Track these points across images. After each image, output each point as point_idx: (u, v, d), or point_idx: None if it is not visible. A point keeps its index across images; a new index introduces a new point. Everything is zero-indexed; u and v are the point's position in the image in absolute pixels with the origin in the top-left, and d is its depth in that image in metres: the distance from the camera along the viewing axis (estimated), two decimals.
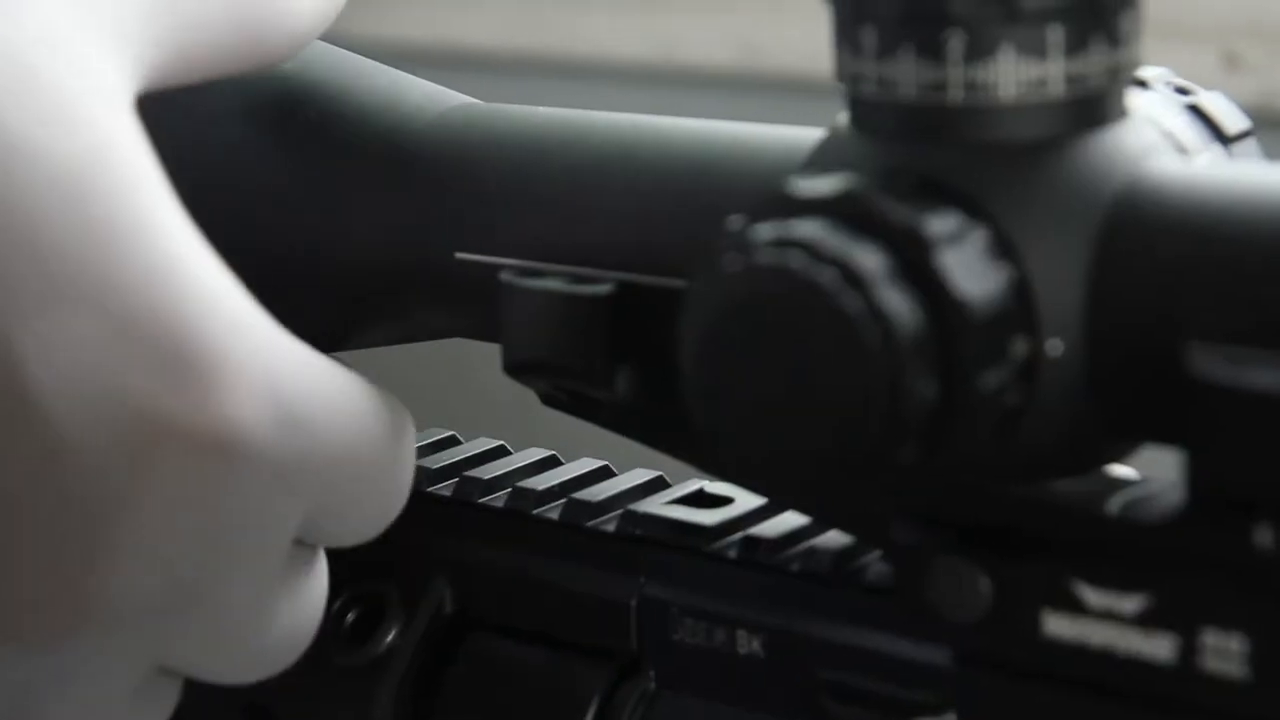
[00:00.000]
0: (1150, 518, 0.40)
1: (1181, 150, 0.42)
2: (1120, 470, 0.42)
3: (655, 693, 0.47)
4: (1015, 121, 0.39)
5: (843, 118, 0.41)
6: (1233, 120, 0.44)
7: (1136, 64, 0.40)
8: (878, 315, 0.37)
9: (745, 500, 0.47)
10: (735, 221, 0.39)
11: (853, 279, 0.37)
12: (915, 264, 0.37)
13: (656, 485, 0.50)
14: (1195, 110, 0.43)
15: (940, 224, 0.38)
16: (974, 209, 0.39)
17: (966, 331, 0.37)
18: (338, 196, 0.48)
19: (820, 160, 0.41)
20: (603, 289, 0.44)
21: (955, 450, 0.38)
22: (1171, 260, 0.38)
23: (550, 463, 0.51)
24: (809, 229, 0.37)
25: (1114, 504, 0.41)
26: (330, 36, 0.49)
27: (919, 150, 0.39)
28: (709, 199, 0.43)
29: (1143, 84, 0.43)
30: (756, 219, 0.39)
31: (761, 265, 0.37)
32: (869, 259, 0.37)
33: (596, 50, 1.36)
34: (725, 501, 0.48)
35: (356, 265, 0.48)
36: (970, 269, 0.38)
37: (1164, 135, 0.41)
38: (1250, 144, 0.44)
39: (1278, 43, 1.08)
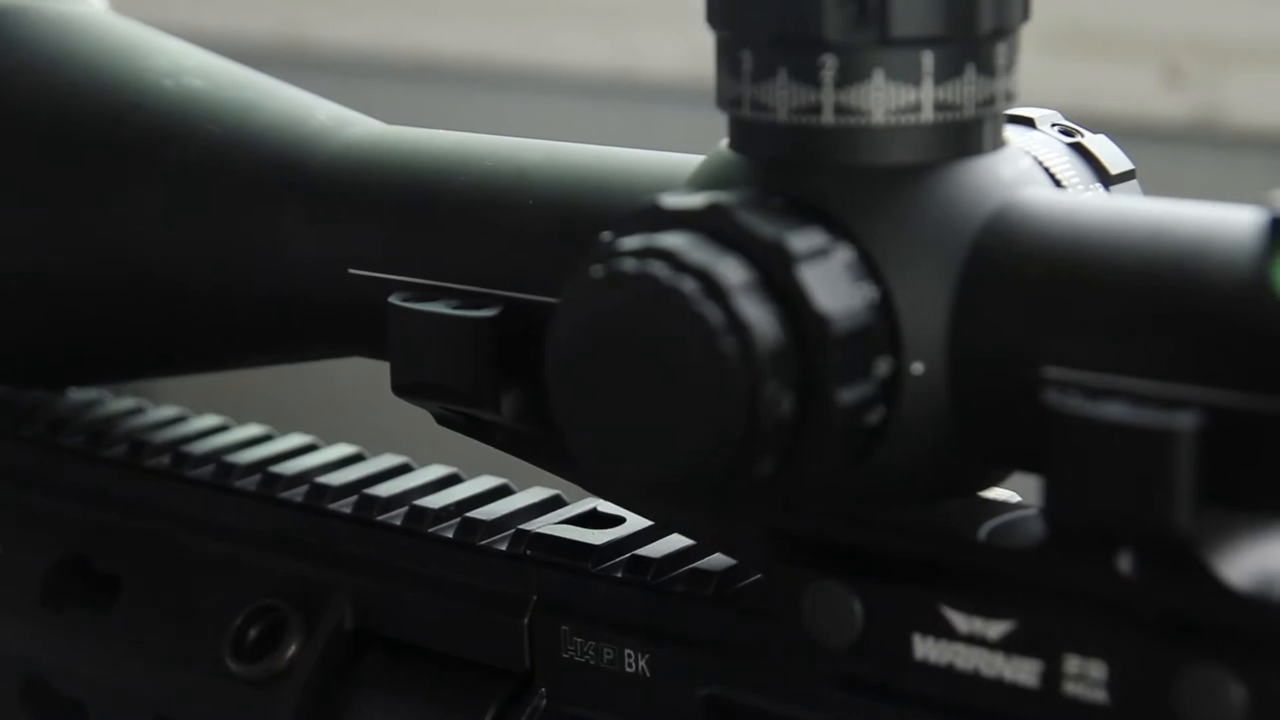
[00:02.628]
0: (1017, 544, 0.40)
1: (1059, 185, 0.42)
2: (1000, 495, 0.43)
3: (546, 709, 0.47)
4: (885, 145, 0.40)
5: (724, 141, 0.42)
6: (1115, 161, 0.44)
7: (1012, 95, 0.41)
8: (737, 326, 0.37)
9: (635, 521, 0.48)
10: (606, 235, 0.39)
11: (714, 289, 0.37)
12: (777, 278, 0.38)
13: (552, 504, 0.50)
14: (1079, 149, 0.44)
15: (803, 240, 0.38)
16: (841, 229, 0.39)
17: (826, 346, 0.37)
18: (236, 214, 0.49)
19: (699, 181, 0.41)
20: (487, 312, 0.44)
21: (813, 465, 0.38)
22: (1033, 287, 0.38)
23: (451, 480, 0.52)
24: (673, 240, 0.38)
25: (985, 530, 0.41)
26: (295, 42, 0.50)
27: (792, 171, 0.40)
28: (593, 219, 0.43)
29: (1029, 122, 0.44)
30: (626, 232, 0.39)
31: (624, 273, 0.38)
32: (731, 271, 0.37)
33: (560, 62, 1.36)
34: (616, 521, 0.48)
35: (253, 282, 0.49)
36: (832, 286, 0.38)
37: (1041, 170, 0.42)
38: (1132, 185, 0.44)
39: (1218, 56, 1.08)
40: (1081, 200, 0.41)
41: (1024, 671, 0.40)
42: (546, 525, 0.48)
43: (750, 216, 0.38)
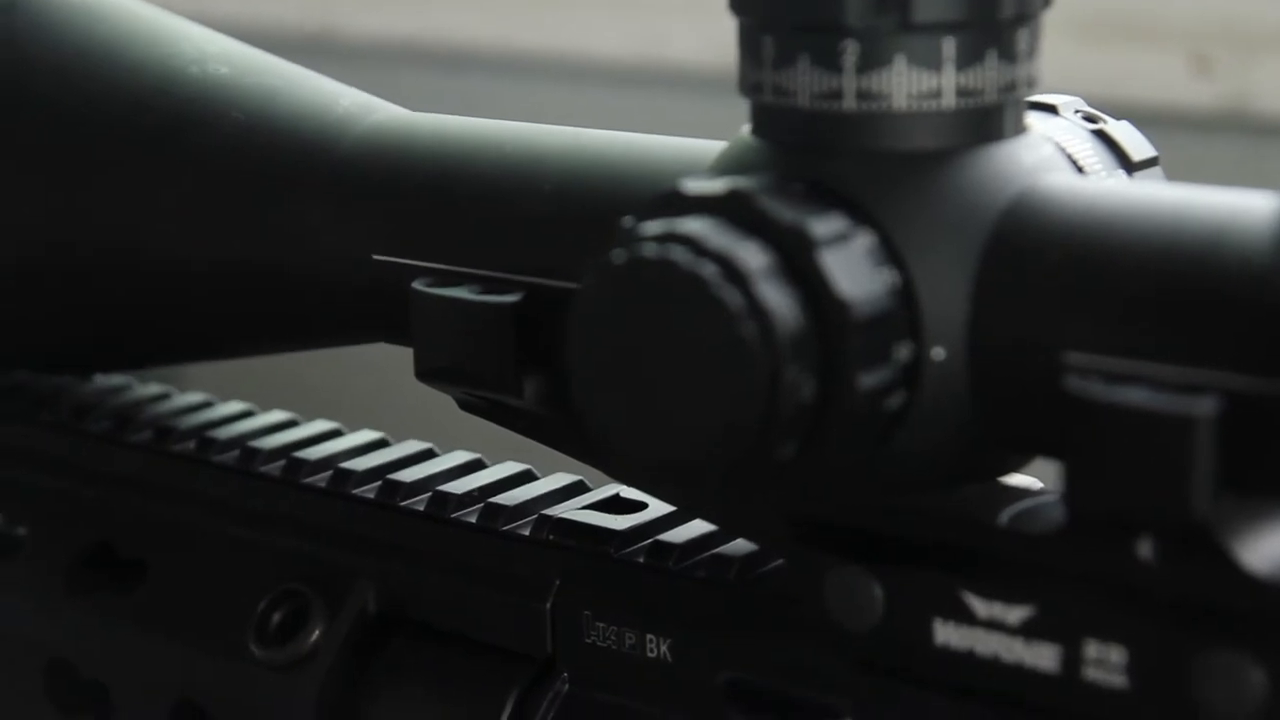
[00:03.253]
0: (1038, 529, 0.40)
1: (1081, 172, 0.42)
2: (1021, 480, 0.43)
3: (568, 693, 0.47)
4: (907, 131, 0.40)
5: (746, 127, 0.42)
6: (1138, 148, 0.44)
7: (1034, 80, 0.41)
8: (757, 310, 0.37)
9: (658, 506, 0.48)
10: (628, 220, 0.39)
11: (734, 274, 0.37)
12: (798, 263, 0.38)
13: (575, 489, 0.50)
14: (1101, 136, 0.44)
15: (824, 225, 0.38)
16: (862, 214, 0.39)
17: (846, 331, 0.38)
18: (260, 200, 0.49)
19: (721, 166, 0.42)
20: (509, 298, 0.44)
21: (834, 450, 0.38)
22: (1052, 272, 0.39)
23: (475, 466, 0.52)
24: (694, 225, 0.38)
25: (1006, 515, 0.41)
26: (326, 32, 0.50)
27: (813, 157, 0.40)
28: (614, 205, 0.43)
29: (1052, 109, 0.44)
30: (647, 217, 0.39)
31: (645, 258, 0.38)
32: (752, 256, 0.37)
33: (587, 49, 1.36)
34: (639, 507, 0.48)
35: (277, 268, 0.49)
36: (853, 271, 0.38)
37: (1064, 156, 0.42)
38: (1155, 172, 0.44)
39: (1247, 45, 1.08)
40: (1103, 186, 0.41)
41: (1044, 657, 0.40)
42: (569, 510, 0.49)
43: (771, 201, 0.38)
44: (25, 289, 0.54)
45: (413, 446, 0.53)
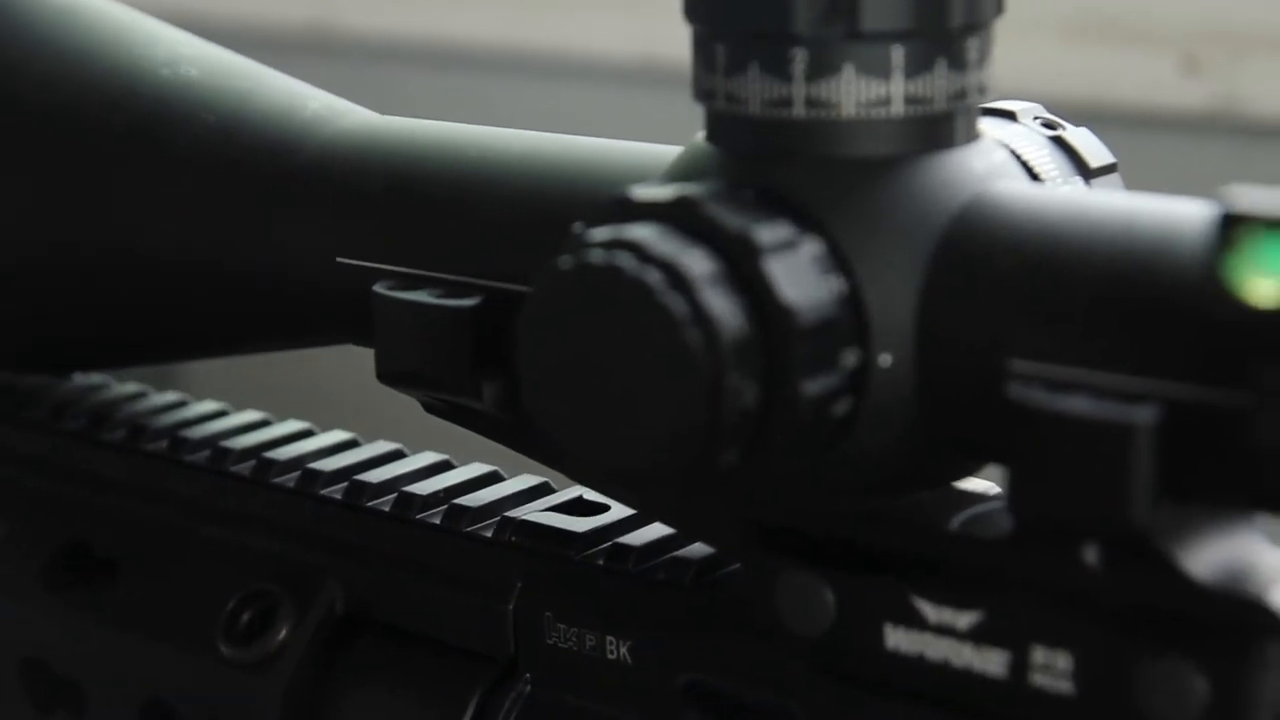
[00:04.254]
0: (987, 535, 0.40)
1: (1036, 178, 0.42)
2: (975, 485, 0.43)
3: (530, 694, 0.48)
4: (855, 138, 0.40)
5: (701, 134, 0.42)
6: (1096, 154, 0.44)
7: (985, 88, 0.41)
8: (701, 317, 0.37)
9: (619, 510, 0.48)
10: (578, 226, 0.40)
11: (679, 281, 0.37)
12: (743, 270, 0.38)
13: (539, 491, 0.50)
14: (1059, 143, 0.44)
15: (770, 232, 0.38)
16: (810, 221, 0.39)
17: (790, 338, 0.38)
18: (228, 202, 0.50)
19: (675, 172, 0.42)
20: (468, 302, 0.45)
21: (779, 456, 0.38)
22: (998, 280, 0.39)
23: (442, 467, 0.52)
24: (641, 232, 0.38)
25: (957, 520, 0.41)
26: (327, 31, 0.51)
27: (764, 164, 0.40)
28: (571, 210, 0.44)
29: (1010, 115, 0.44)
30: (598, 223, 0.39)
31: (592, 264, 0.38)
32: (697, 263, 0.38)
33: (588, 49, 1.37)
34: (601, 509, 0.49)
35: (244, 270, 0.49)
36: (798, 278, 0.38)
37: (1017, 163, 0.42)
38: (1113, 178, 0.44)
39: (1237, 46, 1.08)
40: (1051, 194, 0.41)
41: (992, 662, 0.40)
42: (531, 513, 0.49)
43: (718, 208, 0.38)
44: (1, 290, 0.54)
45: (382, 447, 0.54)
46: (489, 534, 0.49)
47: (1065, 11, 1.11)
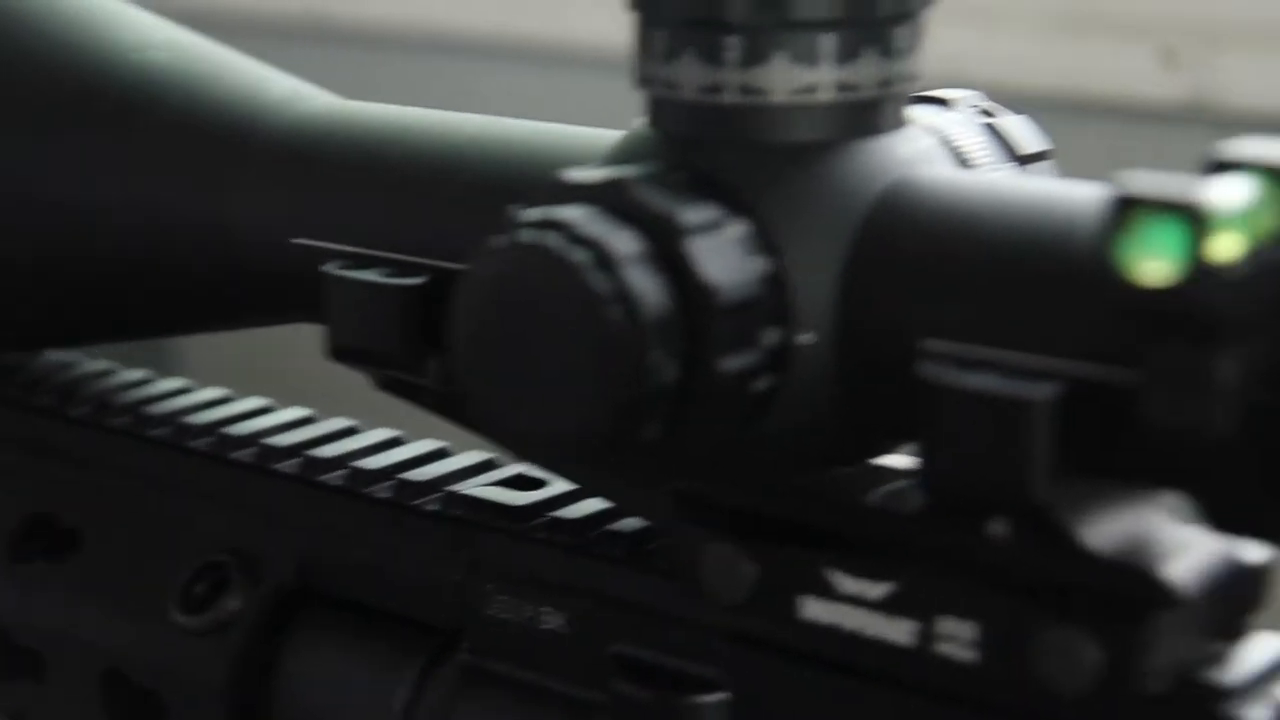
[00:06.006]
0: (901, 510, 0.42)
1: (966, 164, 0.44)
2: (898, 461, 0.44)
3: (470, 664, 0.49)
4: (785, 124, 0.41)
5: (643, 118, 0.44)
6: (1029, 141, 0.46)
7: (913, 76, 0.43)
8: (624, 295, 0.39)
9: (559, 484, 0.50)
10: (514, 207, 0.41)
11: (604, 260, 0.39)
12: (667, 250, 0.40)
13: (485, 466, 0.52)
14: (993, 130, 0.46)
15: (695, 214, 0.40)
16: (739, 204, 0.41)
17: (711, 315, 0.39)
18: (191, 184, 0.51)
19: (615, 156, 0.43)
20: (414, 280, 0.46)
21: (699, 430, 0.40)
22: (915, 261, 0.40)
23: (393, 443, 0.54)
24: (570, 213, 0.40)
25: (875, 495, 0.43)
26: (321, 19, 0.52)
27: (697, 148, 0.42)
28: (514, 192, 0.45)
29: (946, 103, 0.46)
30: (533, 205, 0.41)
31: (522, 244, 0.40)
32: (623, 242, 0.39)
33: (577, 38, 1.38)
34: (541, 484, 0.50)
35: (205, 250, 0.51)
36: (721, 258, 0.40)
37: (946, 150, 0.44)
38: (1046, 165, 0.46)
39: (1215, 39, 1.09)
40: (969, 179, 0.42)
41: (902, 631, 0.42)
42: (475, 487, 0.50)
43: (646, 191, 0.40)
44: None
45: (337, 424, 0.55)
46: (434, 508, 0.50)
47: (1045, 5, 1.12)
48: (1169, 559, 0.39)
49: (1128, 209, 0.34)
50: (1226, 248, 0.34)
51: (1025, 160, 0.46)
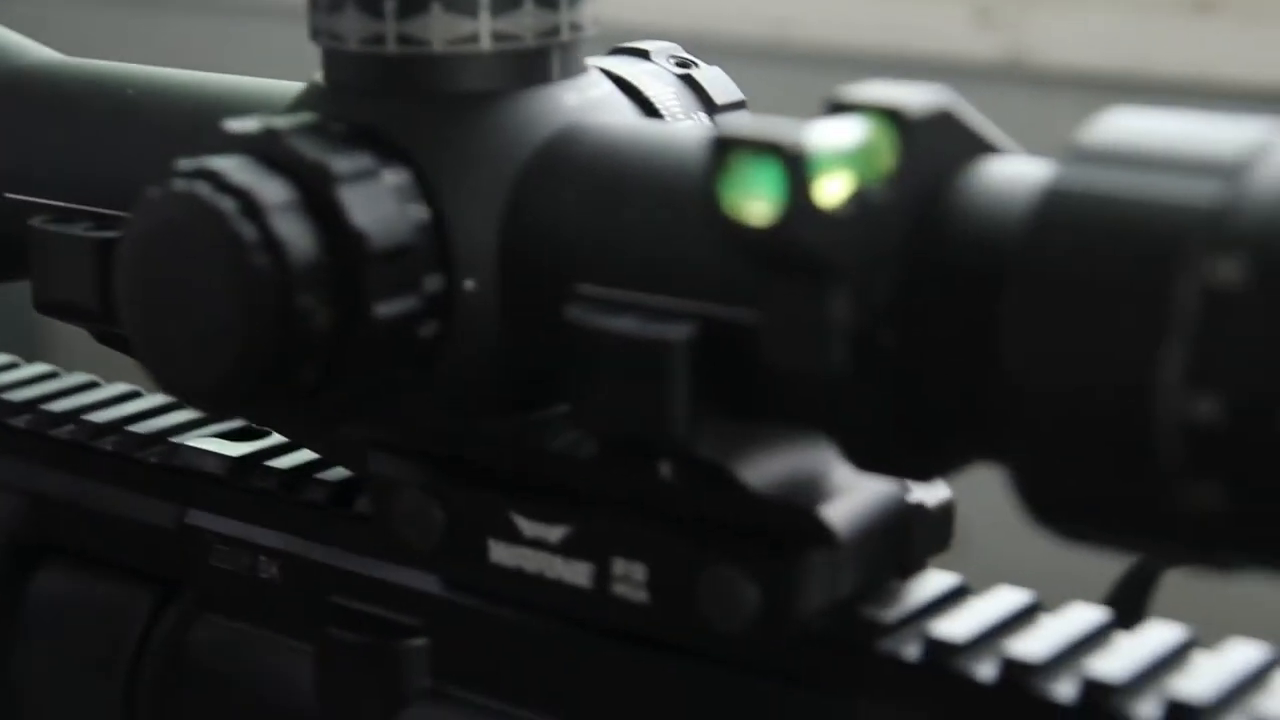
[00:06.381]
0: (579, 454, 0.42)
1: (654, 114, 0.44)
2: None
3: (193, 614, 0.50)
4: (445, 74, 0.42)
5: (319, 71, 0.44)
6: (724, 93, 0.46)
7: (579, 26, 0.43)
8: (270, 242, 0.39)
9: (276, 437, 0.50)
10: (179, 158, 0.41)
11: (251, 208, 0.39)
12: (319, 198, 0.40)
13: (210, 419, 0.52)
14: (688, 81, 0.46)
15: (348, 163, 0.40)
16: (398, 153, 0.41)
17: (363, 262, 0.40)
18: None
19: (290, 107, 0.44)
20: (111, 234, 0.47)
21: (358, 376, 0.40)
22: (570, 206, 0.41)
23: (130, 396, 0.54)
24: (223, 162, 0.40)
25: (561, 441, 0.43)
26: None
27: (361, 98, 0.42)
28: (199, 144, 0.45)
29: (644, 54, 0.46)
30: (196, 155, 0.41)
31: (173, 194, 0.40)
32: (271, 190, 0.39)
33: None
34: (262, 435, 0.51)
35: None
36: (374, 205, 0.40)
37: (627, 99, 0.44)
38: (742, 115, 0.46)
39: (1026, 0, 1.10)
40: (632, 127, 0.42)
41: (579, 574, 0.42)
42: (198, 439, 0.51)
43: (301, 140, 0.40)
44: None
45: (78, 379, 0.55)
46: (157, 460, 0.50)
47: None
48: (828, 499, 0.40)
49: (726, 149, 0.35)
50: (832, 188, 0.35)
51: (720, 110, 0.46)
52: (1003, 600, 0.40)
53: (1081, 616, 0.40)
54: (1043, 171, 0.35)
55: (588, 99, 0.43)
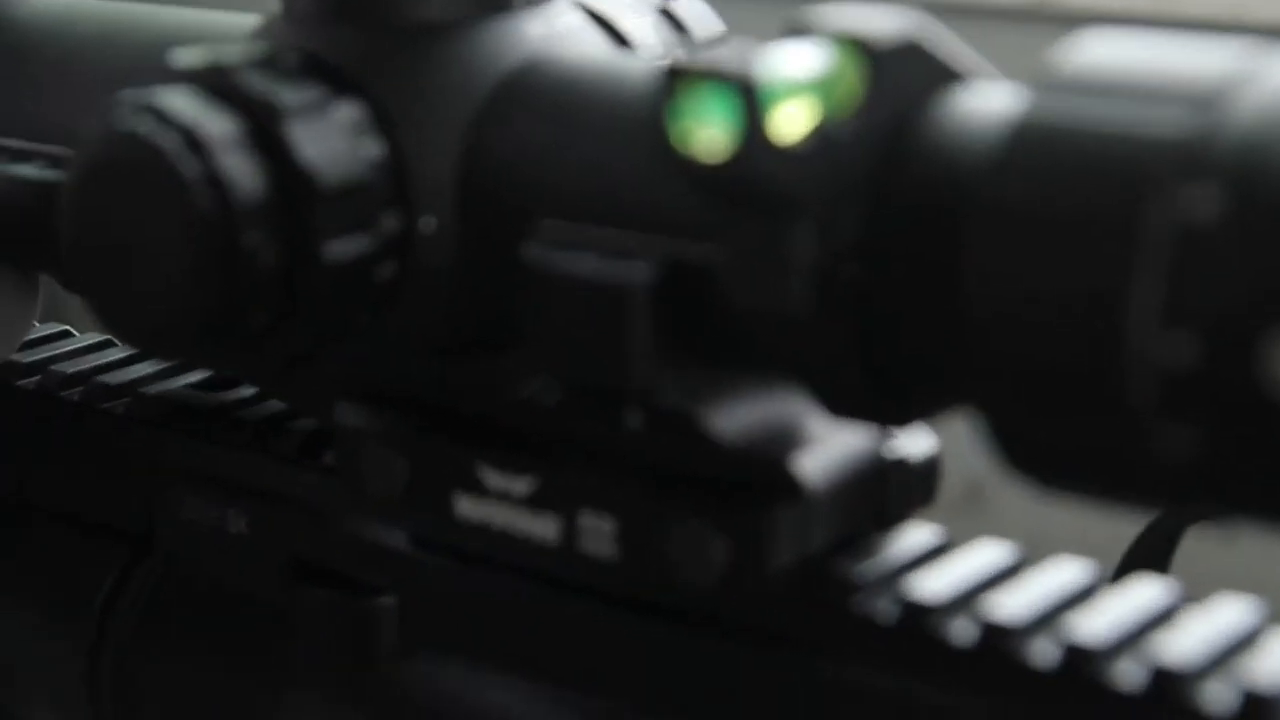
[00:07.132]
0: (546, 402, 0.40)
1: (626, 45, 0.42)
2: None
3: (164, 569, 0.48)
4: (403, 4, 0.40)
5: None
6: (703, 25, 0.44)
7: None
8: (215, 180, 0.37)
9: (247, 388, 0.48)
10: (125, 93, 0.40)
11: (194, 144, 0.37)
12: (267, 133, 0.38)
13: (177, 370, 0.50)
14: (666, 14, 0.44)
15: (297, 96, 0.38)
16: (351, 86, 0.39)
17: (313, 199, 0.38)
18: None
19: (247, 39, 0.42)
20: (58, 174, 0.45)
21: (311, 318, 0.39)
22: (530, 139, 0.39)
23: (102, 345, 0.52)
24: (167, 97, 0.38)
25: (530, 387, 0.41)
26: None
27: (316, 30, 0.40)
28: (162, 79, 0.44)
29: None
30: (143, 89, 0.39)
31: (116, 130, 0.38)
32: (216, 126, 0.38)
33: None
34: (232, 385, 0.49)
35: None
36: (324, 141, 0.38)
37: (601, 29, 0.42)
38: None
39: None
40: (596, 58, 0.40)
41: (547, 528, 0.40)
42: (167, 388, 0.49)
43: (248, 73, 0.38)
44: None
45: (49, 329, 0.54)
46: (124, 411, 0.49)
47: None
48: (800, 449, 0.38)
49: (677, 80, 0.33)
50: (791, 119, 0.33)
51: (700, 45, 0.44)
52: (984, 555, 0.38)
53: (1066, 572, 0.38)
54: (1014, 101, 0.33)
55: (553, 29, 0.41)
